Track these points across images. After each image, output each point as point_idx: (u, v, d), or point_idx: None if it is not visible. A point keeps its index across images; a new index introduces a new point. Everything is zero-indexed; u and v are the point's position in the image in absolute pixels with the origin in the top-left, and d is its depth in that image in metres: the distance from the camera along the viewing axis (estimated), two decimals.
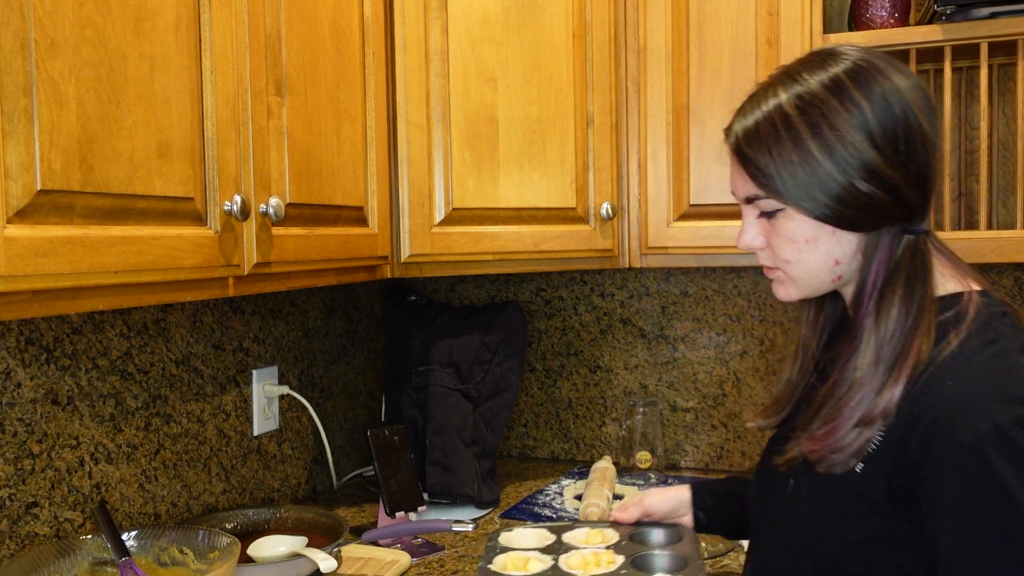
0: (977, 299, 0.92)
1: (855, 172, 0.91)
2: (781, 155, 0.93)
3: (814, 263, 0.97)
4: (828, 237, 0.95)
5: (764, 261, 1.03)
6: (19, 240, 0.85)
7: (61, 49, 0.89)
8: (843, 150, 0.90)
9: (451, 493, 1.81)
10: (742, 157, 0.96)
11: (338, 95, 1.42)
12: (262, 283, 1.25)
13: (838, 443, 0.90)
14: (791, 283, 1.01)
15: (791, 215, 0.95)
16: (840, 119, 0.91)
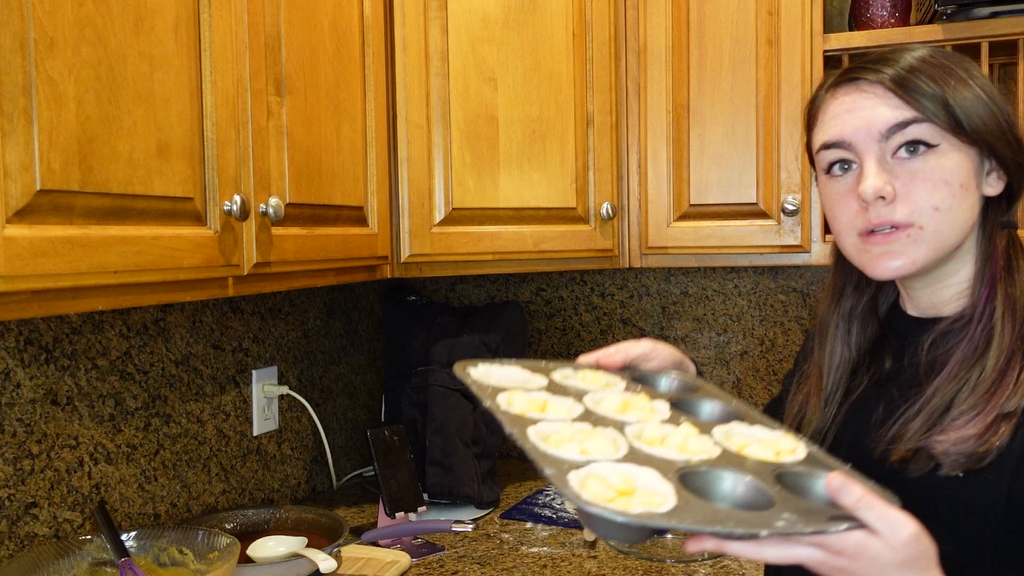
0: None
1: (1006, 118, 0.89)
2: (947, 83, 0.88)
3: (961, 216, 0.89)
4: (975, 190, 0.90)
5: (890, 216, 0.89)
6: (19, 240, 0.85)
7: (60, 49, 0.89)
8: (995, 97, 0.90)
9: (451, 493, 1.81)
10: (902, 84, 0.89)
11: (338, 95, 1.42)
12: (262, 283, 1.25)
13: (986, 437, 0.84)
14: (921, 244, 0.89)
15: (947, 151, 0.88)
16: (980, 76, 0.91)
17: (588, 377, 1.00)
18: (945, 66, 0.90)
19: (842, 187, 0.94)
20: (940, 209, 0.88)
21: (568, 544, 1.61)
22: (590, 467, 0.73)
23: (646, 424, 0.85)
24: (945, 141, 0.88)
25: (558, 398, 0.90)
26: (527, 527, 1.71)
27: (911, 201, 0.88)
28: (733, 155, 1.75)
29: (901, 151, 0.89)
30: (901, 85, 0.89)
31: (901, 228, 0.89)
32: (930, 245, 0.89)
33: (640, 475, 0.73)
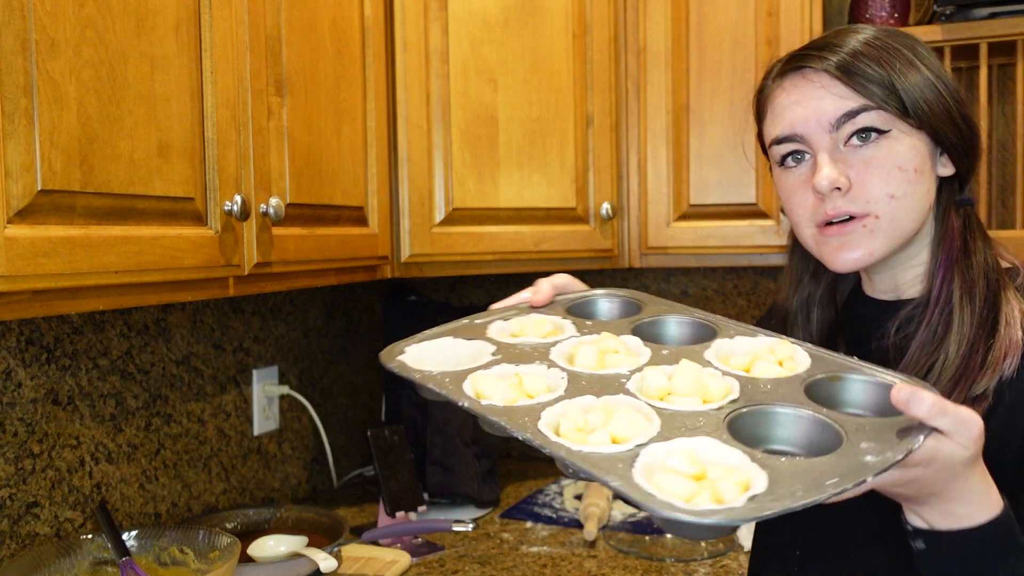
0: None
1: (954, 99, 0.88)
2: (893, 66, 0.87)
3: (917, 202, 0.88)
4: (929, 173, 0.88)
5: (846, 207, 0.88)
6: (20, 240, 0.85)
7: (62, 49, 0.90)
8: (942, 77, 0.89)
9: (451, 493, 1.81)
10: (847, 71, 0.87)
11: (338, 95, 1.42)
12: (262, 283, 1.25)
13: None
14: (879, 234, 0.88)
15: (899, 136, 0.87)
16: (926, 52, 0.90)
17: (528, 324, 0.90)
18: (891, 47, 0.88)
19: (796, 178, 0.92)
20: (896, 196, 0.87)
21: (568, 544, 1.62)
22: (642, 459, 0.64)
23: (645, 375, 0.76)
24: (895, 127, 0.87)
25: (527, 367, 0.80)
26: (527, 527, 1.72)
27: (866, 190, 0.87)
28: (733, 155, 1.75)
29: (853, 139, 0.88)
30: (846, 72, 0.87)
31: (858, 218, 0.88)
32: (887, 234, 0.88)
33: (698, 447, 0.66)
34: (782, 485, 0.61)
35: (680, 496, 0.60)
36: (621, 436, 0.67)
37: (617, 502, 1.84)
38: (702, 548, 1.56)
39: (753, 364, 0.79)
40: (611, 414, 0.70)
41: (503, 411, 0.73)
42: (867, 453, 0.64)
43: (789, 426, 0.70)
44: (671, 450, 0.66)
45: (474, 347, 0.87)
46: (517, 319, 0.92)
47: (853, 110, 0.87)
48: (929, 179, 0.88)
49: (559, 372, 0.79)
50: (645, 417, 0.70)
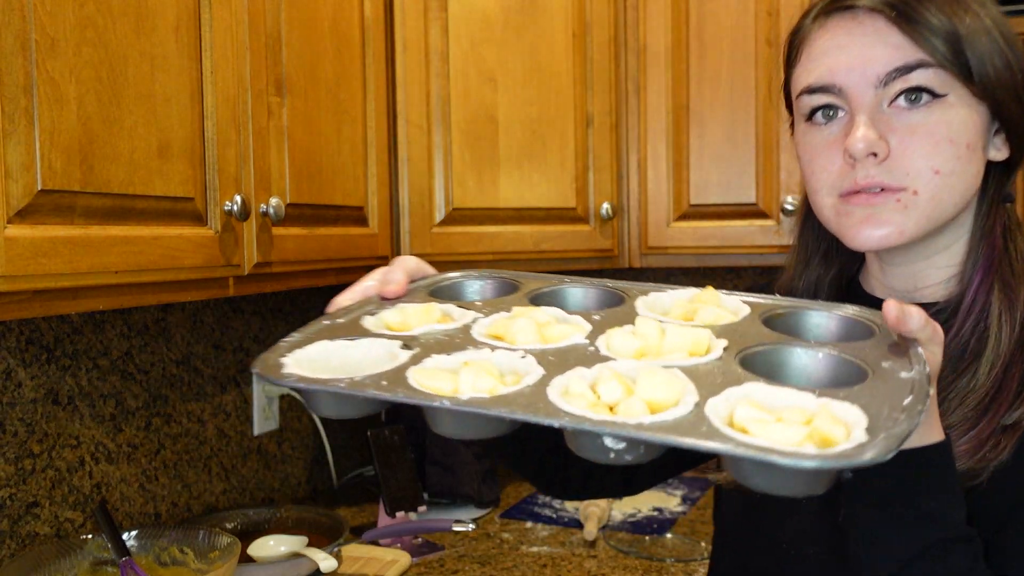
0: None
1: (1022, 70, 0.75)
2: (963, 20, 0.73)
3: (964, 182, 0.75)
4: (981, 153, 0.76)
5: (880, 177, 0.75)
6: (20, 240, 0.85)
7: (62, 49, 0.90)
8: (1014, 45, 0.75)
9: (451, 493, 1.81)
10: (908, 17, 0.73)
11: (338, 95, 1.42)
12: (262, 283, 1.25)
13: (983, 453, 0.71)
14: (913, 212, 0.75)
15: (955, 103, 0.74)
16: (1001, 19, 0.76)
17: (412, 315, 0.75)
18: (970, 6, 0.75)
19: (825, 137, 0.79)
20: (941, 172, 0.74)
21: (568, 543, 1.62)
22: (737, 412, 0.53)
23: (610, 339, 0.64)
24: (953, 91, 0.74)
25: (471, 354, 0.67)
26: (527, 526, 1.72)
27: (908, 160, 0.74)
28: (733, 155, 1.75)
29: (900, 100, 0.74)
30: (907, 18, 0.73)
31: (891, 191, 0.75)
32: (923, 214, 0.75)
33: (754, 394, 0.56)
34: (870, 413, 0.53)
35: (795, 444, 0.50)
36: (662, 400, 0.56)
37: (617, 502, 1.84)
38: (702, 548, 1.56)
39: (696, 314, 0.69)
40: (633, 380, 0.58)
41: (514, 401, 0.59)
42: (900, 370, 0.57)
43: (801, 363, 0.62)
44: (730, 401, 0.55)
45: (372, 346, 0.72)
46: (389, 311, 0.78)
47: (909, 64, 0.73)
48: (980, 159, 0.76)
49: (511, 354, 0.65)
50: (671, 376, 0.58)
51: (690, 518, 1.74)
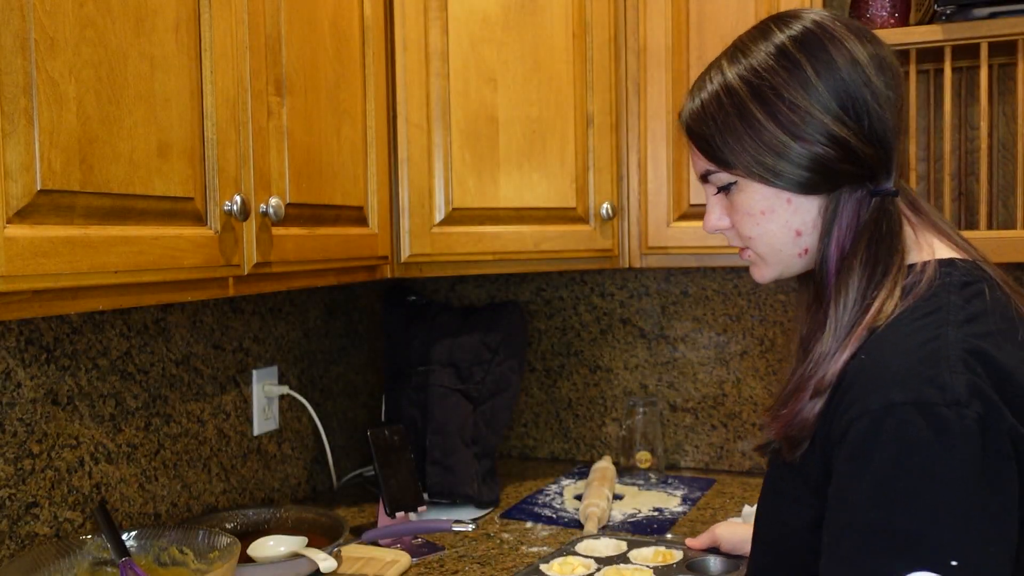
0: (933, 268, 0.87)
1: (803, 133, 0.89)
2: (727, 125, 0.92)
3: (775, 236, 0.94)
4: (784, 206, 0.93)
5: (733, 242, 1.00)
6: (19, 240, 0.85)
7: (61, 49, 0.89)
8: (790, 114, 0.89)
9: (451, 493, 1.81)
10: (692, 134, 0.96)
11: (338, 95, 1.42)
12: (262, 283, 1.25)
13: (796, 418, 0.87)
14: (761, 262, 0.98)
15: (743, 187, 0.94)
16: (784, 84, 0.90)
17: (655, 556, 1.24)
18: (723, 102, 0.92)
19: None
20: (753, 237, 0.96)
21: None
22: None
23: None
24: (739, 178, 0.94)
25: None
26: (527, 527, 1.72)
27: (738, 231, 0.97)
28: None
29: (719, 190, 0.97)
30: (690, 133, 0.96)
31: (744, 249, 0.99)
32: (768, 264, 0.98)
33: None
34: None
35: None
36: None
37: (617, 502, 1.84)
38: None
39: None
40: None
41: None
42: None
43: None
44: None
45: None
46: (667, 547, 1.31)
47: (705, 172, 0.97)
48: (783, 212, 0.93)
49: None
50: None
51: (690, 518, 1.74)
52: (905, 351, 0.81)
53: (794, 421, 0.87)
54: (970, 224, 1.88)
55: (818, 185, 0.91)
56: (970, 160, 1.88)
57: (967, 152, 1.88)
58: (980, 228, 1.69)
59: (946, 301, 0.84)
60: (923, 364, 0.79)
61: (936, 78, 1.88)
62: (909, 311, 0.84)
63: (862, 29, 0.93)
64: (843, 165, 0.90)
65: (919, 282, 0.86)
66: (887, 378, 0.79)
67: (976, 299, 0.85)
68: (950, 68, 1.67)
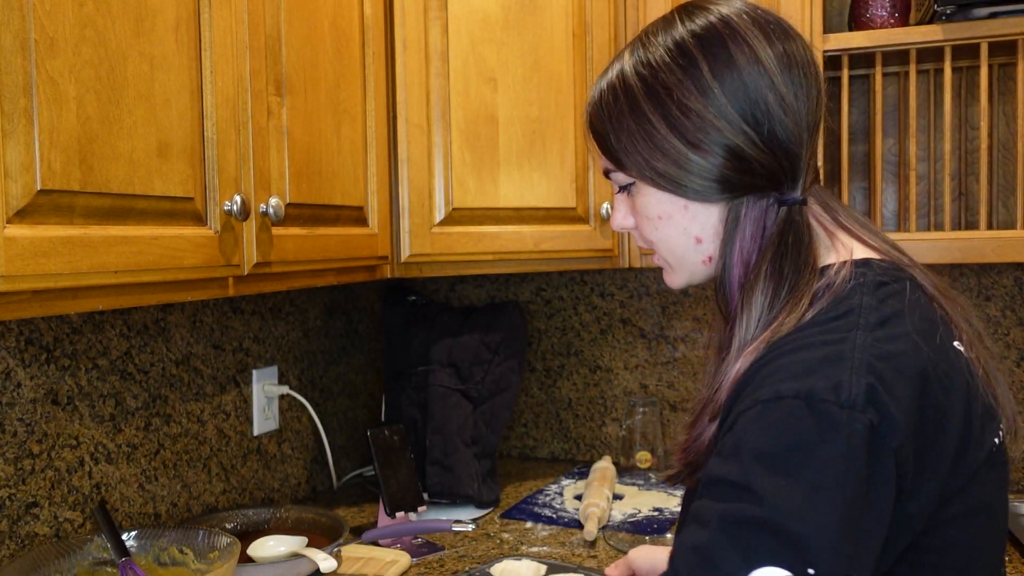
0: (847, 269, 0.81)
1: (694, 139, 0.83)
2: (621, 124, 0.87)
3: (674, 242, 0.90)
4: (681, 212, 0.88)
5: (639, 243, 0.95)
6: (19, 240, 0.85)
7: (61, 49, 0.89)
8: (682, 118, 0.83)
9: (451, 493, 1.81)
10: (591, 128, 0.91)
11: (338, 95, 1.42)
12: (262, 283, 1.25)
13: (695, 444, 0.82)
14: (668, 268, 0.94)
15: (640, 189, 0.89)
16: (678, 85, 0.84)
17: None
18: (627, 91, 0.86)
19: None
20: (654, 241, 0.92)
21: (568, 544, 1.61)
22: None
23: None
24: (636, 180, 0.89)
25: None
26: (527, 527, 1.72)
27: (641, 233, 0.93)
28: None
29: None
30: (591, 130, 0.92)
31: (653, 254, 0.95)
32: (674, 270, 0.94)
33: None
34: None
35: None
36: None
37: (617, 502, 1.84)
38: None
39: None
40: None
41: None
42: None
43: None
44: None
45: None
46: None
47: (606, 170, 0.93)
48: (681, 218, 0.88)
49: None
50: None
51: None
52: (806, 351, 0.75)
53: (692, 447, 0.83)
54: (970, 224, 1.88)
55: (715, 193, 0.85)
56: (970, 160, 1.88)
57: (967, 152, 1.88)
58: (980, 228, 1.69)
59: (858, 303, 0.78)
60: (823, 364, 0.73)
61: (936, 78, 1.88)
62: (820, 314, 0.78)
63: (772, 23, 0.86)
64: (742, 176, 0.84)
65: (832, 284, 0.80)
66: (782, 374, 0.74)
67: (892, 299, 0.79)
68: (950, 68, 1.67)
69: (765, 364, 0.77)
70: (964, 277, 1.92)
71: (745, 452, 0.71)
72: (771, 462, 0.69)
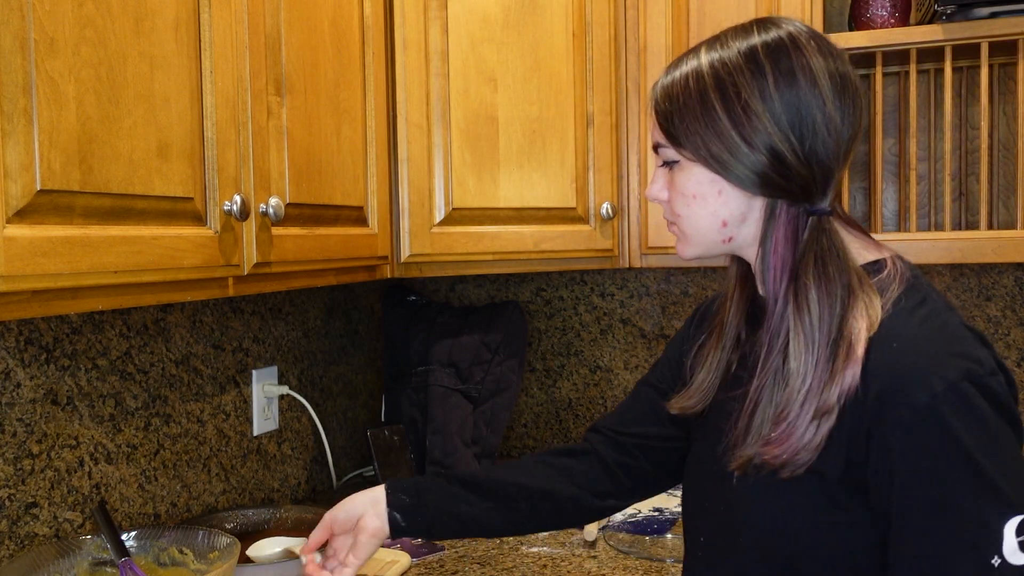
0: (899, 262, 0.94)
1: (747, 135, 0.92)
2: (685, 104, 0.95)
3: (701, 220, 0.98)
4: (715, 196, 0.96)
5: (666, 216, 1.04)
6: (19, 240, 0.85)
7: (61, 49, 0.89)
8: (740, 112, 0.92)
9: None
10: (656, 105, 0.99)
11: (338, 95, 1.42)
12: (262, 283, 1.25)
13: (799, 442, 0.88)
14: (685, 239, 1.02)
15: (684, 167, 0.97)
16: (743, 81, 0.93)
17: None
18: (691, 89, 0.95)
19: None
20: (681, 216, 1.00)
21: (568, 544, 1.61)
22: None
23: None
24: (683, 157, 0.97)
25: None
26: None
27: (672, 206, 1.01)
28: None
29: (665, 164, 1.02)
30: (655, 108, 1.00)
31: (672, 225, 1.03)
32: (690, 242, 1.01)
33: None
34: None
35: None
36: None
37: None
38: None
39: None
40: None
41: None
42: None
43: None
44: None
45: None
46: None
47: (656, 144, 1.01)
48: (714, 202, 0.97)
49: None
50: None
51: None
52: (926, 339, 0.87)
53: (799, 446, 0.88)
54: (970, 224, 1.88)
55: (753, 186, 0.94)
56: (970, 160, 1.88)
57: (967, 152, 1.88)
58: (980, 228, 1.69)
59: (926, 291, 0.92)
60: (950, 344, 0.86)
61: (936, 78, 1.88)
62: (900, 303, 0.89)
63: (831, 47, 0.96)
64: (779, 179, 0.93)
65: (892, 276, 0.92)
66: (922, 366, 0.84)
67: (934, 287, 0.94)
68: (950, 68, 1.67)
69: (887, 357, 0.86)
70: (964, 277, 1.92)
71: (951, 447, 0.82)
72: (976, 445, 0.82)
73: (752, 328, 1.03)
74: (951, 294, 1.93)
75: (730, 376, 1.04)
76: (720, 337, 1.06)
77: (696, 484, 1.09)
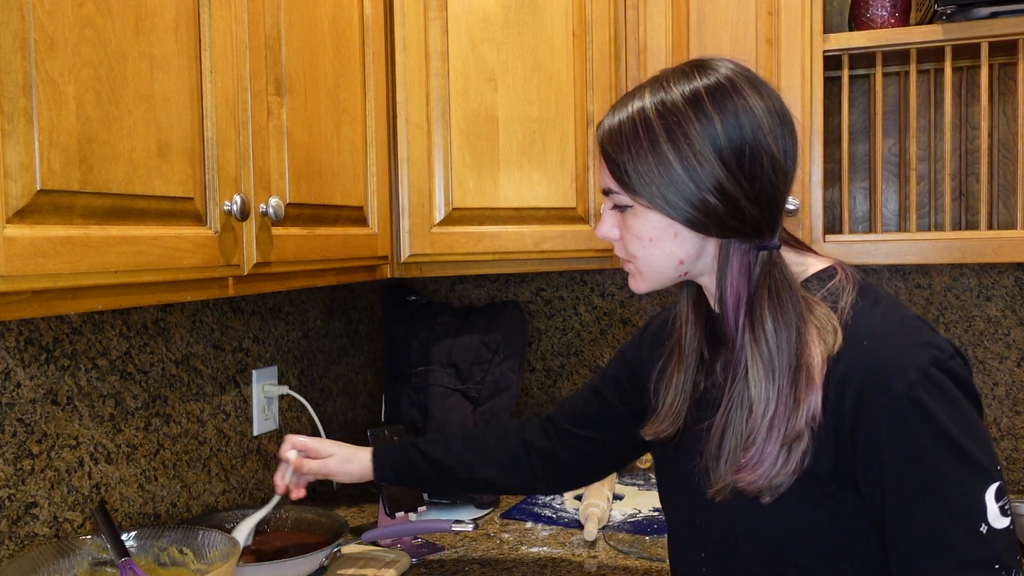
0: (847, 267, 1.00)
1: (700, 181, 0.95)
2: (637, 154, 0.96)
3: (658, 260, 1.01)
4: (671, 239, 0.99)
5: (618, 253, 1.06)
6: (19, 240, 0.85)
7: (60, 49, 0.89)
8: (692, 159, 0.94)
9: (451, 493, 1.81)
10: (604, 152, 1.01)
11: (338, 95, 1.42)
12: (262, 283, 1.25)
13: (772, 469, 0.92)
14: (640, 276, 1.04)
15: (638, 212, 0.99)
16: (693, 130, 0.95)
17: None
18: (637, 131, 0.96)
19: None
20: (638, 257, 1.02)
21: (568, 544, 1.61)
22: None
23: None
24: (636, 203, 0.99)
25: None
26: (527, 527, 1.72)
27: (624, 246, 1.04)
28: None
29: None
30: (602, 150, 1.01)
31: (627, 262, 1.05)
32: (646, 279, 1.04)
33: None
34: None
35: None
36: None
37: (617, 502, 1.84)
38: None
39: None
40: None
41: None
42: None
43: None
44: None
45: None
46: None
47: (606, 189, 1.02)
48: (670, 243, 0.99)
49: None
50: None
51: None
52: (892, 333, 0.92)
53: (773, 472, 0.91)
54: (970, 224, 1.88)
55: (708, 228, 0.97)
56: (970, 160, 1.88)
57: (967, 152, 1.88)
58: (980, 228, 1.69)
59: (876, 289, 0.98)
60: (912, 336, 0.91)
61: (936, 78, 1.88)
62: (858, 306, 0.94)
63: (765, 85, 1.00)
64: (732, 222, 0.95)
65: (844, 282, 0.97)
66: (895, 358, 0.89)
67: (880, 286, 1.01)
68: (950, 68, 1.67)
69: (856, 354, 0.91)
70: (964, 277, 1.92)
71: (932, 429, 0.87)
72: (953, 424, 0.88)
73: (713, 347, 1.06)
74: (951, 294, 1.93)
75: (698, 395, 1.07)
76: (681, 359, 1.09)
77: (680, 503, 1.11)
